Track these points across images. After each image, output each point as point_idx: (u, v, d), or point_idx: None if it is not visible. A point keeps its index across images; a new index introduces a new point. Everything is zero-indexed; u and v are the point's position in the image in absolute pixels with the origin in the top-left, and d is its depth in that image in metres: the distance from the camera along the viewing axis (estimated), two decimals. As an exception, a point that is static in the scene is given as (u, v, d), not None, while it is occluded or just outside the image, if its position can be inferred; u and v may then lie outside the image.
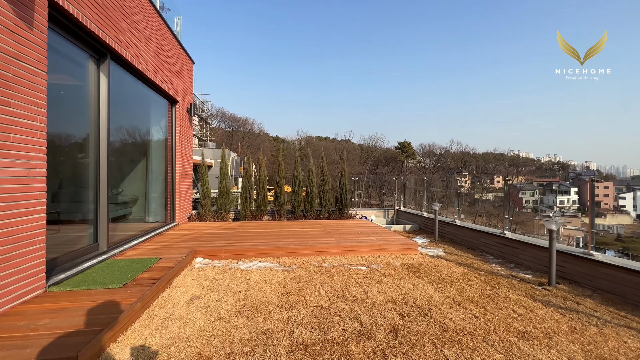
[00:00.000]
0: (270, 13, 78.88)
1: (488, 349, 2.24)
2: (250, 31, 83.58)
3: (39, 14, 2.67)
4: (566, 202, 68.32)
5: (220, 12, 79.02)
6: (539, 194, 73.49)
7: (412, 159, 64.54)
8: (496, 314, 2.83)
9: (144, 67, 4.80)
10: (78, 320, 2.25)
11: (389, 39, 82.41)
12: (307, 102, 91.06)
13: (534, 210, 61.04)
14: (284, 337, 2.34)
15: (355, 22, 79.95)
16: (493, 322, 2.66)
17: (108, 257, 3.85)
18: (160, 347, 2.18)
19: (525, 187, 69.93)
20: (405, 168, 65.17)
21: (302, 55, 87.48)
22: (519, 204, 63.45)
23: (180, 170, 6.77)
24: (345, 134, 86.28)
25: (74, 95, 3.80)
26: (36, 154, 2.67)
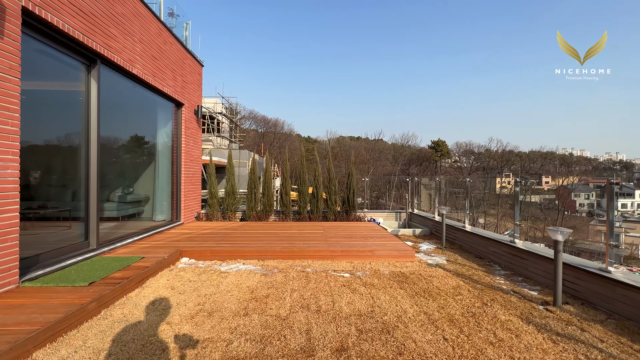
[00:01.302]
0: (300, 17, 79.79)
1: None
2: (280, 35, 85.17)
3: (10, 23, 2.81)
4: (630, 206, 60.67)
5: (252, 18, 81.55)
6: (595, 197, 66.07)
7: (447, 158, 61.44)
8: (471, 337, 2.45)
9: (139, 71, 4.97)
10: (26, 318, 2.31)
11: (413, 40, 79.34)
12: (336, 102, 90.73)
13: (590, 215, 54.96)
14: (218, 349, 2.21)
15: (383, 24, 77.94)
16: (463, 347, 2.30)
17: (96, 255, 4.02)
18: (93, 352, 2.16)
19: (578, 188, 63.25)
20: (439, 168, 62.35)
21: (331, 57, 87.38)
22: (571, 207, 57.57)
23: (187, 171, 6.96)
24: (375, 133, 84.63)
25: (68, 100, 4.02)
26: (8, 155, 2.82)
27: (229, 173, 7.73)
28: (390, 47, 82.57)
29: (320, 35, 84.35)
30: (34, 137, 3.82)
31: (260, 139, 52.80)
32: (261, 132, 54.55)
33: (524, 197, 39.21)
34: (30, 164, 3.74)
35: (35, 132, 3.81)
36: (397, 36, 79.96)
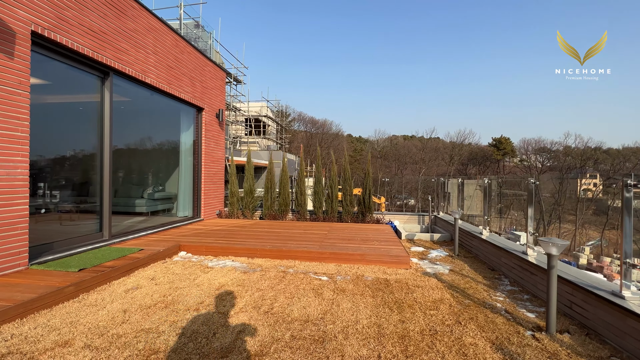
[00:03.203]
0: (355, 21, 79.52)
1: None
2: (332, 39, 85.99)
3: (20, 45, 3.34)
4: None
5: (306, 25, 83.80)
6: None
7: (512, 156, 55.16)
8: (411, 358, 2.16)
9: (153, 80, 5.47)
10: (8, 295, 2.70)
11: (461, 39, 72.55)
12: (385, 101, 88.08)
13: None
14: (146, 340, 2.30)
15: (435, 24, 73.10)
16: (392, 368, 2.04)
17: (105, 245, 4.53)
18: (50, 329, 2.43)
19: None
20: (502, 167, 56.36)
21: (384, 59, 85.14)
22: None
23: (207, 170, 7.45)
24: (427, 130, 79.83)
25: (88, 109, 4.62)
26: (18, 157, 3.34)
27: (247, 173, 8.05)
28: (440, 49, 77.38)
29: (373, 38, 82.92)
30: (58, 144, 4.48)
31: (309, 140, 53.99)
32: (310, 134, 55.67)
33: (612, 202, 33.06)
34: (56, 167, 4.38)
35: (59, 140, 4.46)
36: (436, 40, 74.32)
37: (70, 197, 4.61)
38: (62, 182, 4.50)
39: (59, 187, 4.50)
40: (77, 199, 4.71)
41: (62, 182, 4.53)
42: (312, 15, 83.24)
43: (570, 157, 53.36)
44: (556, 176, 40.09)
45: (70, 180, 4.62)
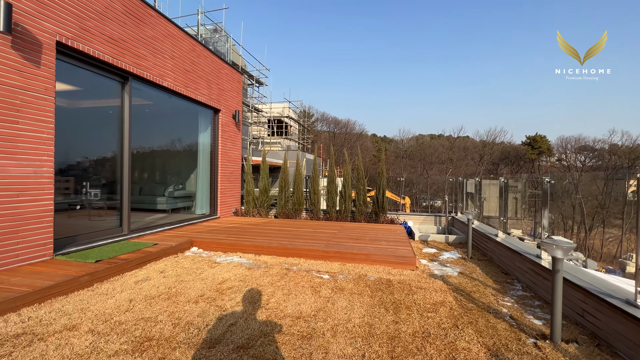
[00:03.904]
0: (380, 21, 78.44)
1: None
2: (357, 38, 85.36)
3: (45, 54, 3.65)
4: None
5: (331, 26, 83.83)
6: None
7: (548, 155, 51.68)
8: (396, 357, 2.11)
9: (170, 83, 5.75)
10: (30, 282, 2.97)
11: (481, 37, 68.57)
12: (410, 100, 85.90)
13: None
14: (144, 328, 2.44)
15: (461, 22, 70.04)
16: (374, 368, 2.01)
17: (124, 239, 4.83)
18: (62, 314, 2.65)
19: None
20: (538, 167, 53.01)
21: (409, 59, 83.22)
22: None
23: (224, 170, 7.70)
24: (455, 129, 76.81)
25: (113, 112, 4.95)
26: (44, 157, 3.66)
27: (262, 172, 8.22)
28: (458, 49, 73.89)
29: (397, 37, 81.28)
30: (89, 145, 4.84)
31: (332, 140, 53.99)
32: (333, 134, 55.66)
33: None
34: (87, 166, 4.75)
35: (90, 142, 4.82)
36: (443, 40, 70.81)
37: (99, 195, 4.97)
38: (93, 181, 4.87)
39: (90, 185, 4.88)
40: (105, 196, 5.06)
41: (93, 181, 4.90)
42: (336, 15, 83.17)
43: (616, 155, 48.99)
44: (600, 176, 36.92)
45: (99, 179, 4.99)
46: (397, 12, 77.50)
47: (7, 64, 3.28)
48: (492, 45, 74.60)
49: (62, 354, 2.06)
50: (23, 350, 2.09)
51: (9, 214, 3.33)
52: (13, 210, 3.37)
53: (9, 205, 3.33)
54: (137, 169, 6.51)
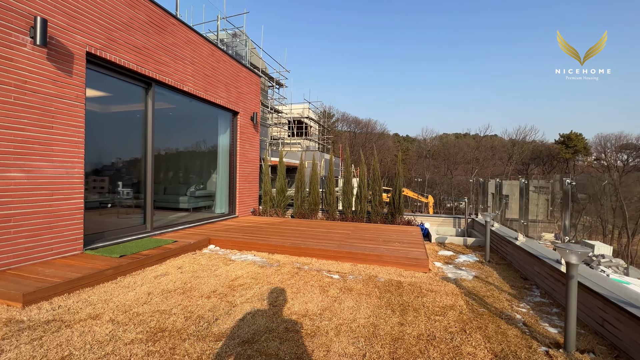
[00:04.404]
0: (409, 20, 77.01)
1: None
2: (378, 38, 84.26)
3: (76, 64, 3.96)
4: None
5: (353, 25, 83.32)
6: None
7: (585, 154, 48.40)
8: (396, 356, 2.11)
9: (191, 88, 6.01)
10: (62, 273, 3.24)
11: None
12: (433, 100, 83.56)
13: None
14: (159, 320, 2.59)
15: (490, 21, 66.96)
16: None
17: (147, 236, 5.12)
18: (87, 304, 2.87)
19: None
20: (573, 167, 49.84)
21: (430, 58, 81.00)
22: None
23: (242, 170, 7.92)
24: (481, 128, 73.67)
25: (139, 116, 5.27)
26: (75, 159, 3.97)
27: (279, 173, 8.36)
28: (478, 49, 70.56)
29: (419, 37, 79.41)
30: (118, 148, 5.19)
31: (352, 140, 53.70)
32: (353, 134, 55.35)
33: None
34: (118, 167, 5.09)
35: (119, 144, 5.16)
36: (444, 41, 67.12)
37: (126, 194, 5.31)
38: (120, 181, 5.22)
39: (118, 185, 5.23)
40: (131, 195, 5.39)
41: (121, 180, 5.25)
42: (357, 15, 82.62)
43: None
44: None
45: (127, 179, 5.33)
46: (416, 11, 75.75)
47: (43, 74, 3.60)
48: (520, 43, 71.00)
49: (85, 340, 2.24)
50: (52, 335, 2.30)
51: (45, 212, 3.65)
52: (48, 208, 3.68)
53: (45, 203, 3.65)
54: (162, 170, 6.85)
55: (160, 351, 2.14)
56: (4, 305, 2.74)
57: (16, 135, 3.37)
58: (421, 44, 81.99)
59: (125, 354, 2.09)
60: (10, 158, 3.33)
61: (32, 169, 3.52)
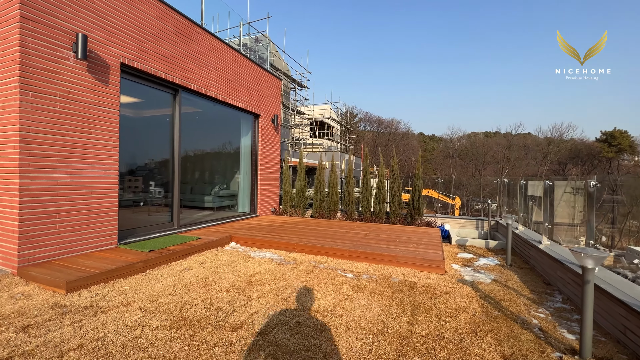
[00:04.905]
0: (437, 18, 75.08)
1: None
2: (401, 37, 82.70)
3: (112, 74, 4.33)
4: None
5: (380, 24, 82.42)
6: None
7: (631, 153, 44.62)
8: (403, 359, 2.16)
9: (214, 93, 6.33)
10: (99, 264, 3.58)
11: None
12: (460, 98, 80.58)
13: None
14: (181, 310, 2.81)
15: None
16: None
17: (174, 233, 5.46)
18: (120, 293, 3.16)
19: None
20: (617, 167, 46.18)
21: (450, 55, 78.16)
22: None
23: (263, 171, 8.18)
24: (513, 126, 69.88)
25: (168, 120, 5.64)
26: (110, 161, 4.34)
27: (298, 173, 8.54)
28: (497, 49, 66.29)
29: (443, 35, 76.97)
30: (150, 150, 5.59)
31: (375, 141, 53.12)
32: (376, 133, 54.71)
33: None
34: (149, 168, 5.49)
35: (150, 146, 5.56)
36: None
37: (156, 193, 5.71)
38: (151, 181, 5.63)
39: (149, 184, 5.65)
40: (160, 194, 5.79)
41: (152, 180, 5.66)
42: (383, 13, 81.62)
43: None
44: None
45: (157, 179, 5.74)
46: (435, 9, 73.46)
47: (83, 85, 3.98)
48: (559, 30, 66.67)
49: (117, 324, 2.49)
50: (89, 319, 2.57)
51: (84, 209, 4.03)
52: (87, 205, 4.06)
53: (85, 201, 4.03)
54: (189, 170, 7.26)
55: (182, 337, 2.34)
56: (50, 291, 3.08)
57: (61, 140, 3.76)
58: (448, 42, 79.48)
59: (151, 339, 2.30)
60: (56, 161, 3.72)
61: (74, 171, 3.91)
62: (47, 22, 3.60)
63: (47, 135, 3.63)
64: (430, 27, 78.85)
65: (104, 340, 2.26)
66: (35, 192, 3.54)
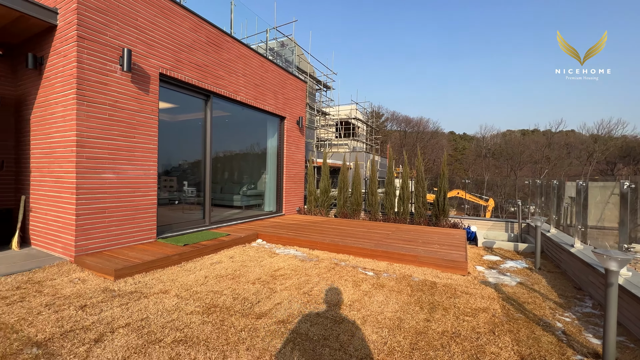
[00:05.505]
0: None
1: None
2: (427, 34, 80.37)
3: (152, 83, 4.76)
4: None
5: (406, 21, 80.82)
6: None
7: (694, 152, 39.97)
8: (416, 352, 2.24)
9: (243, 97, 6.67)
10: (141, 256, 3.98)
11: None
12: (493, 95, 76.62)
13: None
14: (212, 298, 3.08)
15: None
16: (392, 357, 2.19)
17: (206, 229, 5.85)
18: (159, 281, 3.51)
19: None
20: (676, 167, 41.77)
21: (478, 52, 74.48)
22: None
23: (288, 172, 8.45)
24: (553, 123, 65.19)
25: (201, 124, 6.07)
26: (150, 163, 4.77)
27: (323, 174, 8.71)
28: None
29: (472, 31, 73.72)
30: (184, 152, 6.04)
31: (402, 140, 52.09)
32: (404, 133, 53.59)
33: None
34: (184, 169, 5.94)
35: (184, 148, 6.01)
36: None
37: (190, 192, 6.15)
38: (185, 181, 6.08)
39: (183, 184, 6.10)
40: (193, 193, 6.23)
41: (186, 180, 6.12)
42: (411, 9, 79.87)
43: None
44: None
45: (190, 179, 6.19)
46: (455, 6, 70.32)
47: (128, 94, 4.43)
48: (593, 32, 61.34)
49: (157, 308, 2.80)
50: (134, 303, 2.91)
51: (129, 206, 4.48)
52: (130, 202, 4.51)
53: (129, 199, 4.48)
54: (219, 171, 7.69)
55: (212, 322, 2.58)
56: (101, 277, 3.50)
57: (110, 145, 4.22)
58: (475, 39, 76.03)
59: (186, 321, 2.58)
60: (105, 162, 4.18)
61: (120, 171, 4.36)
62: (98, 39, 4.06)
63: (98, 139, 4.09)
64: (461, 22, 75.89)
65: (146, 320, 2.57)
66: (88, 190, 4.01)
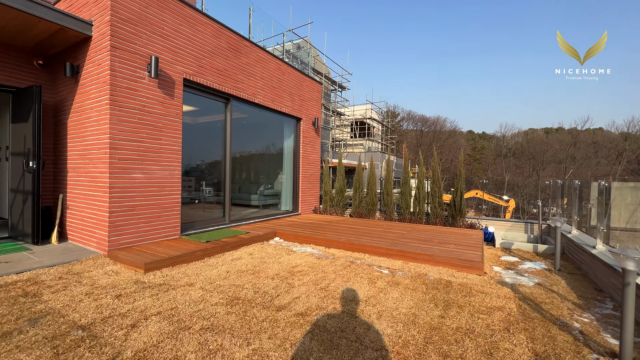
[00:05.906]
0: None
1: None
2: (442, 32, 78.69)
3: (177, 88, 5.03)
4: None
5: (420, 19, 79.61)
6: None
7: None
8: (430, 346, 2.32)
9: (261, 100, 6.88)
10: (167, 251, 4.23)
11: None
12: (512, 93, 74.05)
13: None
14: (234, 291, 3.26)
15: None
16: (406, 350, 2.28)
17: (226, 227, 6.09)
18: (184, 275, 3.73)
19: None
20: None
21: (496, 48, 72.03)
22: None
23: (304, 172, 8.61)
24: (578, 120, 62.29)
25: (220, 125, 6.33)
26: (175, 163, 5.04)
27: (338, 174, 8.82)
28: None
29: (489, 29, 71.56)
30: (205, 152, 6.31)
31: (418, 140, 51.31)
32: (421, 132, 52.79)
33: None
34: (204, 169, 6.21)
35: (206, 149, 6.28)
36: None
37: (210, 192, 6.43)
38: (207, 181, 6.36)
39: (205, 184, 6.39)
40: (214, 193, 6.50)
41: (207, 180, 6.40)
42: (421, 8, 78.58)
43: None
44: None
45: (211, 179, 6.46)
46: (470, 3, 68.27)
47: (155, 99, 4.70)
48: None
49: (184, 299, 3.00)
50: (163, 294, 3.13)
51: (156, 204, 4.76)
52: (157, 201, 4.78)
53: (156, 197, 4.76)
54: (237, 171, 7.95)
55: (236, 312, 2.76)
56: (132, 270, 3.76)
57: (139, 146, 4.50)
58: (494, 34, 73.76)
59: (212, 311, 2.76)
60: (135, 163, 4.47)
61: (148, 172, 4.64)
62: (129, 48, 4.34)
63: (128, 142, 4.38)
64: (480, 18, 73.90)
65: (175, 309, 2.77)
66: (120, 189, 4.30)
